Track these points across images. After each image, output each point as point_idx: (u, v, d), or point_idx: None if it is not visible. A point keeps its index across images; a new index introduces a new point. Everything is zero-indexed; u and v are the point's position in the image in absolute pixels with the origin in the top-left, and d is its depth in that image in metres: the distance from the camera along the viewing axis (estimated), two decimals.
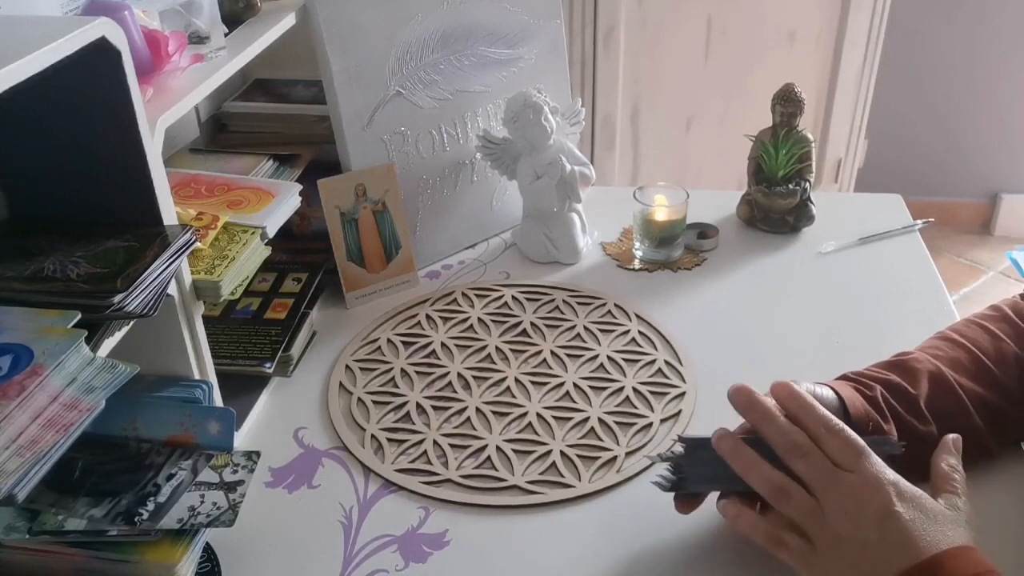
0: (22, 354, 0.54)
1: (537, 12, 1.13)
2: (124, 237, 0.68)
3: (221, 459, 0.70)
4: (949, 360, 0.73)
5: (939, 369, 0.72)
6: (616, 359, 0.92)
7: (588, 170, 1.09)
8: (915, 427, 0.69)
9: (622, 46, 1.90)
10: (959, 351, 0.74)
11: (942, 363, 0.73)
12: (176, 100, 0.73)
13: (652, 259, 1.10)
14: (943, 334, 0.78)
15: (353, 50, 0.99)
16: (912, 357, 0.74)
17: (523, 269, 1.10)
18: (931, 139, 2.62)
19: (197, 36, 0.82)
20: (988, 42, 2.47)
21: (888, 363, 0.75)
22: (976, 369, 0.73)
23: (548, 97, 1.07)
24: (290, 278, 1.00)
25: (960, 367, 0.73)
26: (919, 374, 0.72)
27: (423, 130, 1.07)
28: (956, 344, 0.75)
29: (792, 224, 1.14)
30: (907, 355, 0.75)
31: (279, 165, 1.02)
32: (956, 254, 2.62)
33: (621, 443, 0.81)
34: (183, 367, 0.75)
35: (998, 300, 0.80)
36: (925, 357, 0.74)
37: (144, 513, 0.64)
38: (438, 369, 0.92)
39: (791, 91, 1.11)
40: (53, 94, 0.63)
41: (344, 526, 0.74)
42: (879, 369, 0.74)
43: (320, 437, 0.84)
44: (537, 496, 0.76)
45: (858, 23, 1.96)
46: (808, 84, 1.91)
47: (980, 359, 0.73)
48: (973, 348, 0.74)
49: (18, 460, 0.50)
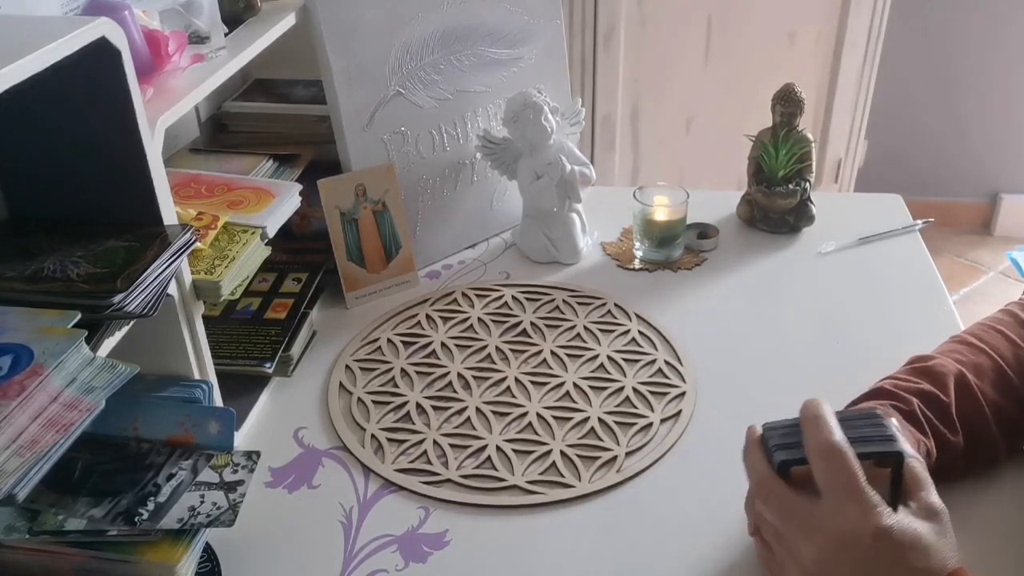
0: (22, 354, 0.54)
1: (537, 12, 1.13)
2: (124, 237, 0.68)
3: (221, 459, 0.70)
4: (972, 366, 0.72)
5: (963, 375, 0.71)
6: (616, 359, 0.92)
7: (588, 170, 1.09)
8: (947, 438, 0.69)
9: (622, 46, 1.90)
10: (981, 357, 0.73)
11: (965, 368, 0.72)
12: (176, 100, 0.73)
13: (652, 259, 1.10)
14: (961, 338, 0.77)
15: (353, 50, 0.99)
16: (937, 362, 0.73)
17: (523, 269, 1.10)
18: (931, 139, 2.62)
19: (197, 36, 0.82)
20: (988, 42, 2.47)
21: (916, 370, 0.73)
22: (996, 376, 0.72)
23: (548, 97, 1.07)
24: (290, 278, 1.00)
25: (982, 374, 0.72)
26: (947, 379, 0.71)
27: (423, 130, 1.07)
28: (977, 350, 0.74)
29: (792, 224, 1.14)
30: (930, 359, 0.74)
31: (279, 165, 1.02)
32: (956, 254, 2.62)
33: (621, 443, 0.81)
34: (183, 367, 0.75)
35: (1005, 302, 0.80)
36: (949, 361, 0.73)
37: (144, 513, 0.64)
38: (438, 369, 0.92)
39: (791, 91, 1.11)
40: (53, 94, 0.63)
41: (344, 526, 0.74)
42: (909, 377, 0.72)
43: (320, 437, 0.84)
44: (537, 496, 0.76)
45: (858, 23, 1.96)
46: (808, 84, 1.91)
47: (1000, 366, 0.72)
48: (994, 355, 0.73)
49: (18, 460, 0.50)
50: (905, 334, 0.90)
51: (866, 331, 0.96)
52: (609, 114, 1.96)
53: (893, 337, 0.93)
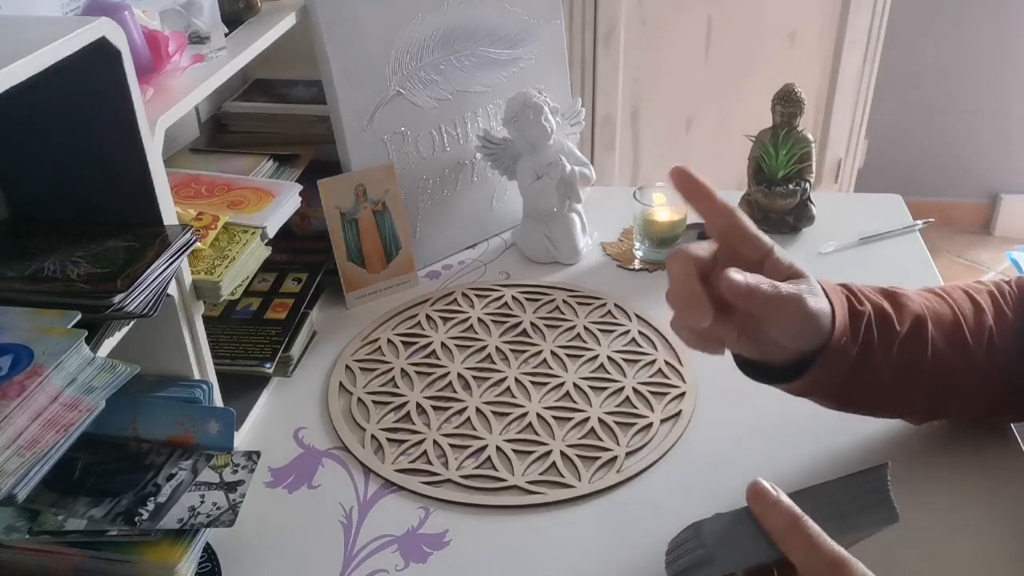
0: (22, 354, 0.54)
1: (537, 12, 1.13)
2: (124, 237, 0.68)
3: (221, 459, 0.70)
4: (934, 312, 0.72)
5: (923, 318, 0.71)
6: (616, 359, 0.92)
7: (588, 170, 1.09)
8: (879, 363, 0.68)
9: (622, 46, 1.90)
10: (945, 308, 0.73)
11: (928, 312, 0.72)
12: (176, 100, 0.73)
13: (652, 259, 1.10)
14: (933, 289, 0.77)
15: (353, 50, 0.99)
16: (904, 294, 0.73)
17: (523, 269, 1.10)
18: (931, 139, 2.62)
19: (197, 36, 0.82)
20: (988, 42, 2.47)
21: (884, 290, 0.73)
22: (953, 331, 0.72)
23: (548, 97, 1.07)
24: (290, 278, 1.00)
25: (941, 324, 0.72)
26: (906, 313, 0.70)
27: (423, 130, 1.07)
28: (944, 301, 0.74)
29: (792, 224, 1.14)
30: (900, 290, 0.73)
31: (279, 165, 1.02)
32: (956, 254, 2.62)
33: (621, 443, 0.81)
34: (183, 367, 0.75)
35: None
36: (917, 299, 0.73)
37: (144, 513, 0.64)
38: (438, 369, 0.92)
39: (791, 91, 1.11)
40: (53, 94, 0.63)
41: (344, 526, 0.74)
42: (875, 292, 0.72)
43: (320, 437, 0.84)
44: (537, 496, 0.76)
45: (858, 23, 1.96)
46: (808, 84, 1.91)
47: (960, 323, 0.72)
48: (958, 312, 0.73)
49: (18, 460, 0.50)
50: None
51: None
52: (609, 114, 1.96)
53: None
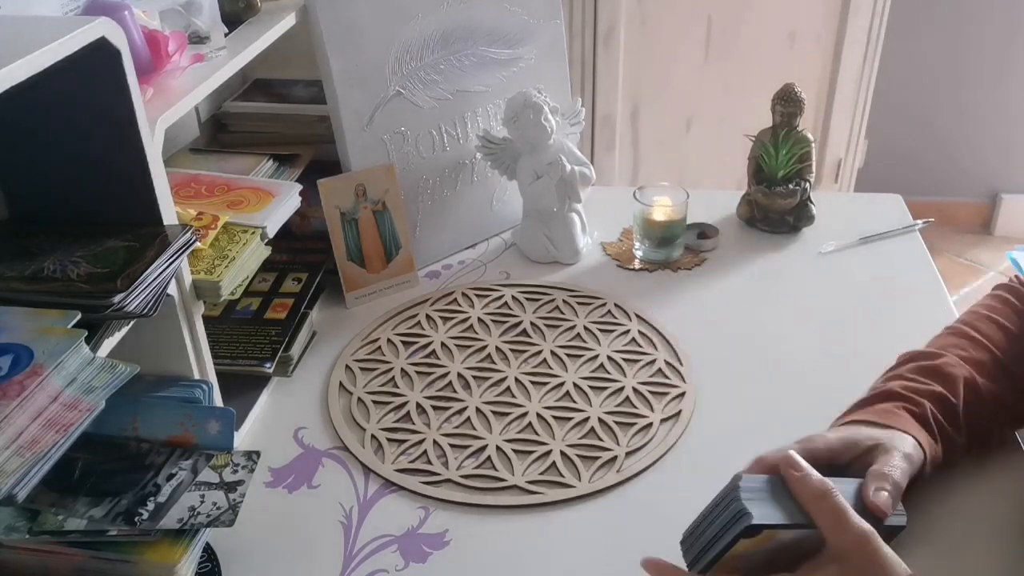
0: (22, 354, 0.54)
1: (537, 12, 1.13)
2: (124, 237, 0.68)
3: (221, 459, 0.70)
4: (975, 363, 0.73)
5: (972, 376, 0.71)
6: (616, 359, 0.92)
7: (588, 170, 1.09)
8: (954, 439, 0.69)
9: (622, 46, 1.90)
10: (981, 352, 0.73)
11: (971, 367, 0.72)
12: (176, 100, 0.73)
13: (652, 259, 1.10)
14: (959, 331, 0.77)
15: (353, 50, 0.99)
16: (944, 361, 0.72)
17: (523, 269, 1.10)
18: (931, 139, 2.62)
19: (197, 36, 0.82)
20: (988, 42, 2.47)
21: (924, 369, 0.72)
22: (994, 368, 0.73)
23: (548, 97, 1.07)
24: (290, 278, 0.99)
25: (984, 370, 0.72)
26: (956, 382, 0.71)
27: (423, 130, 1.07)
28: (977, 344, 0.74)
29: (792, 224, 1.14)
30: (936, 358, 0.73)
31: (279, 165, 1.02)
32: (956, 254, 2.62)
33: (621, 443, 0.81)
34: (183, 367, 0.75)
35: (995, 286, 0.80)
36: (957, 361, 0.72)
37: (144, 513, 0.64)
38: (438, 369, 0.92)
39: (791, 91, 1.11)
40: (53, 94, 0.63)
41: (344, 526, 0.74)
42: (918, 377, 0.72)
43: (320, 437, 0.84)
44: (537, 496, 0.76)
45: (858, 24, 1.96)
46: (808, 84, 1.91)
47: (997, 357, 0.73)
48: (991, 347, 0.74)
49: (18, 460, 0.50)
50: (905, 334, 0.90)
51: (866, 331, 0.96)
52: (609, 114, 1.96)
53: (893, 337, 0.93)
